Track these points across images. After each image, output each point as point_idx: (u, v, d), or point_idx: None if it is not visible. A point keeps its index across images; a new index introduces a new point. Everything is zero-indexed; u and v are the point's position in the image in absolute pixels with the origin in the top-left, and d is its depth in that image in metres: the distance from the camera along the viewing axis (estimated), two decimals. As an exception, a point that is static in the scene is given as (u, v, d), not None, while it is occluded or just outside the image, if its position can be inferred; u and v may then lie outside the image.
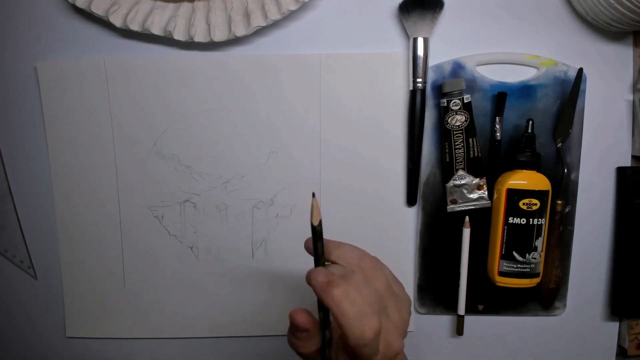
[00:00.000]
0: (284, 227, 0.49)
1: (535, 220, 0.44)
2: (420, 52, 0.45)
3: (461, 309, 0.48)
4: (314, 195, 0.31)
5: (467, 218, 0.47)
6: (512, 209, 0.44)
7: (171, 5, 0.45)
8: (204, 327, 0.50)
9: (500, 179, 0.46)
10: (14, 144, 0.49)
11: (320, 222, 0.31)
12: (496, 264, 0.45)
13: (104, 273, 0.50)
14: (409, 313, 0.34)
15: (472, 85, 0.46)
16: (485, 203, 0.46)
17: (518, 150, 0.45)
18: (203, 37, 0.45)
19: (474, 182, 0.46)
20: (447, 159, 0.46)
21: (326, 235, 0.31)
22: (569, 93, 0.46)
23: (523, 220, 0.44)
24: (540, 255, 0.45)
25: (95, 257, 0.49)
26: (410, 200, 0.48)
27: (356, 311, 0.28)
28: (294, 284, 0.50)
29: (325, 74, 0.47)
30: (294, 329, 0.32)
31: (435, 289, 0.49)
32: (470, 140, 0.45)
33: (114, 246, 0.49)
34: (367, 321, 0.28)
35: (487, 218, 0.47)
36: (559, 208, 0.46)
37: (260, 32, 0.45)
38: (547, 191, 0.44)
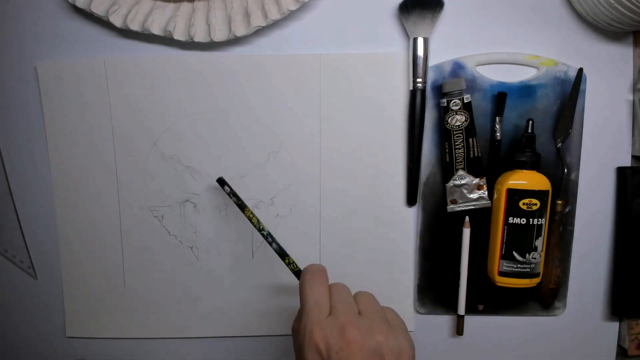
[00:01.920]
0: (284, 227, 0.49)
1: (535, 220, 0.44)
2: (420, 52, 0.45)
3: (461, 309, 0.48)
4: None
5: (467, 218, 0.47)
6: (512, 209, 0.44)
7: (171, 5, 0.45)
8: (203, 327, 0.50)
9: (500, 179, 0.46)
10: (14, 144, 0.49)
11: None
12: (496, 264, 0.45)
13: (104, 273, 0.50)
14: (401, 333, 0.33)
15: (472, 85, 0.46)
16: (485, 203, 0.46)
17: (518, 150, 0.45)
18: (203, 37, 0.45)
19: (474, 182, 0.46)
20: (447, 159, 0.46)
21: (327, 233, 0.32)
22: (569, 93, 0.46)
23: (523, 220, 0.44)
24: (540, 255, 0.45)
25: (95, 257, 0.49)
26: (410, 200, 0.48)
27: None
28: (294, 284, 0.50)
29: (325, 74, 0.47)
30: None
31: (435, 289, 0.49)
32: (470, 140, 0.45)
33: (114, 246, 0.49)
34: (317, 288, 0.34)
35: (487, 218, 0.47)
36: (559, 208, 0.46)
37: (260, 32, 0.45)
38: (547, 191, 0.44)
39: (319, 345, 0.30)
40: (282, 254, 0.41)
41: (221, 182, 0.45)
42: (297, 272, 0.40)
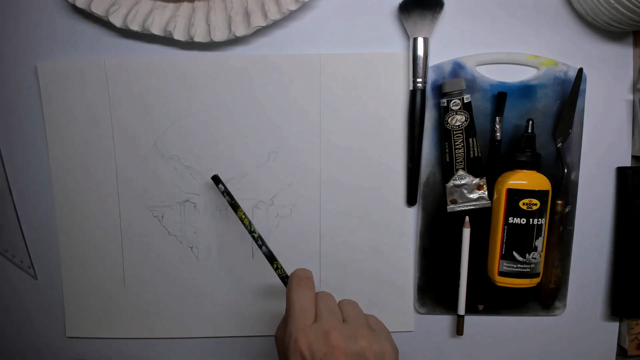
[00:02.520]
0: (284, 227, 0.49)
1: (535, 220, 0.44)
2: (420, 52, 0.45)
3: (461, 309, 0.48)
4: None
5: (467, 218, 0.47)
6: (512, 209, 0.44)
7: (171, 5, 0.45)
8: (204, 327, 0.50)
9: (500, 179, 0.46)
10: (14, 144, 0.49)
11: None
12: (496, 264, 0.45)
13: (104, 273, 0.50)
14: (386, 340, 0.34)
15: (472, 85, 0.46)
16: (485, 203, 0.46)
17: (518, 150, 0.45)
18: (203, 37, 0.45)
19: (474, 182, 0.46)
20: (447, 159, 0.46)
21: (327, 233, 0.31)
22: (569, 93, 0.46)
23: (523, 220, 0.44)
24: (540, 255, 0.45)
25: (95, 257, 0.49)
26: (410, 200, 0.48)
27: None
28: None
29: (325, 73, 0.47)
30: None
31: (435, 289, 0.49)
32: (470, 140, 0.45)
33: (114, 246, 0.49)
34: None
35: (487, 218, 0.47)
36: (559, 208, 0.46)
37: (260, 32, 0.45)
38: (547, 191, 0.44)
39: (303, 352, 0.31)
40: (271, 258, 0.41)
41: (216, 180, 0.44)
42: (284, 278, 0.40)
